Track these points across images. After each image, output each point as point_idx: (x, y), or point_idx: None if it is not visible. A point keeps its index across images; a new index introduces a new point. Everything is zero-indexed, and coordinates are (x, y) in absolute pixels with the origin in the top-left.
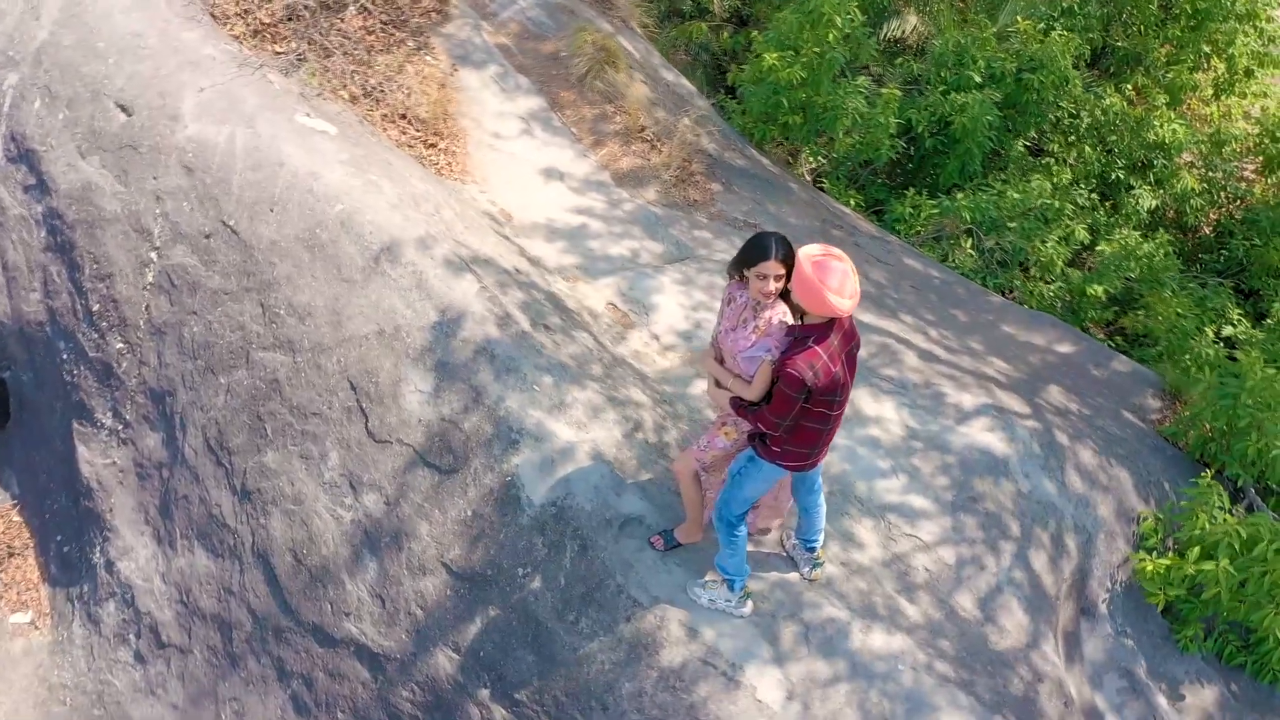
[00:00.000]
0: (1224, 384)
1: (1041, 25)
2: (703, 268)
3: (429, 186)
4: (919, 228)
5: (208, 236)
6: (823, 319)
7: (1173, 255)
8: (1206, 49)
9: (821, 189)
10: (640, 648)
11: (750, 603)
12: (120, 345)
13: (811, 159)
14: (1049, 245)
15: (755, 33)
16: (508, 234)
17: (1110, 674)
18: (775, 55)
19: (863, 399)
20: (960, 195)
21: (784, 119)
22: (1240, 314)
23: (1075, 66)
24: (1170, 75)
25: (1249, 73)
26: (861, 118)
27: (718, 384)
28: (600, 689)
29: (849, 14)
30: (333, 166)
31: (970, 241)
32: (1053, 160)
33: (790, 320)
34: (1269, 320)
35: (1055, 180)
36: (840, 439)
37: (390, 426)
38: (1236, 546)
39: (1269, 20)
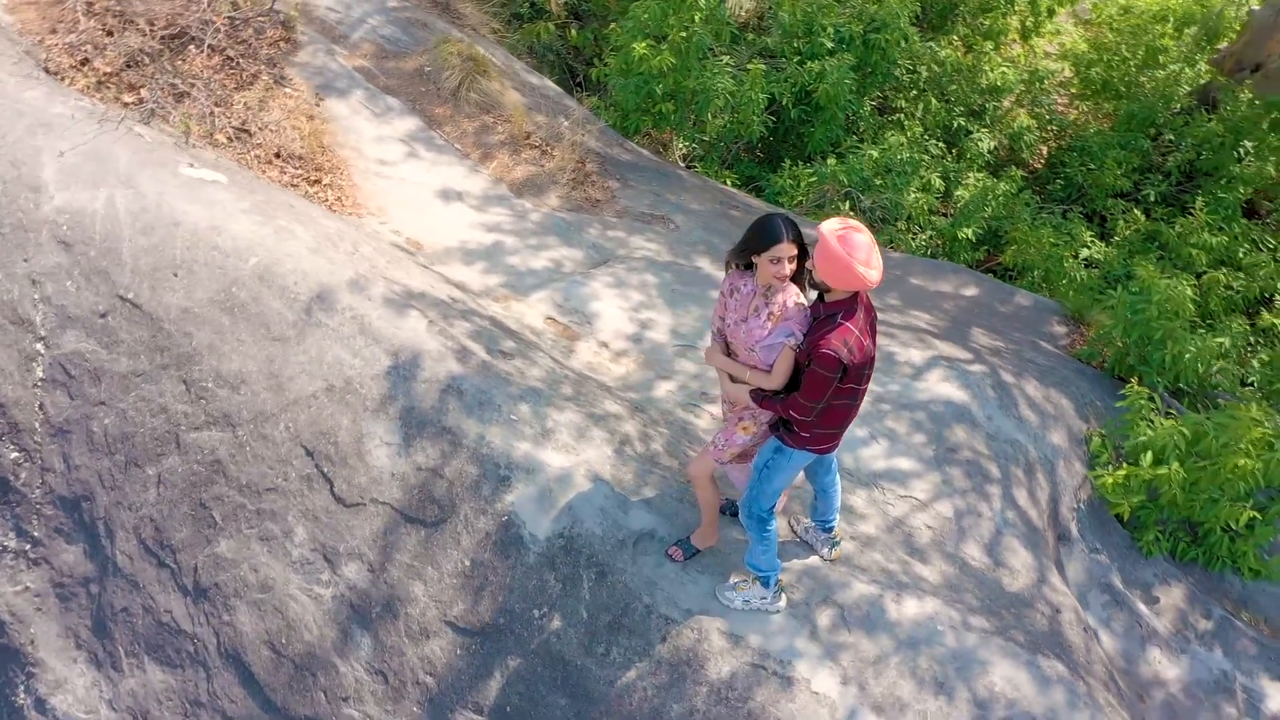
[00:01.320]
0: (1133, 301)
1: None
2: (630, 267)
3: (339, 225)
4: (800, 198)
5: (103, 315)
6: (847, 294)
7: (1028, 190)
8: None
9: (692, 167)
10: (683, 666)
11: (784, 596)
12: (15, 455)
13: (684, 144)
14: (913, 197)
15: (613, 25)
16: (423, 264)
17: (1093, 591)
18: (643, 45)
19: None
20: (831, 160)
21: (658, 108)
22: (1091, 236)
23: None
24: (987, 22)
25: (1050, 13)
26: (732, 96)
27: (732, 379)
28: (647, 718)
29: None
30: (235, 217)
31: (849, 203)
32: (902, 115)
33: (804, 301)
34: (1116, 238)
35: (908, 135)
36: None
37: (360, 487)
38: (1183, 447)
39: None
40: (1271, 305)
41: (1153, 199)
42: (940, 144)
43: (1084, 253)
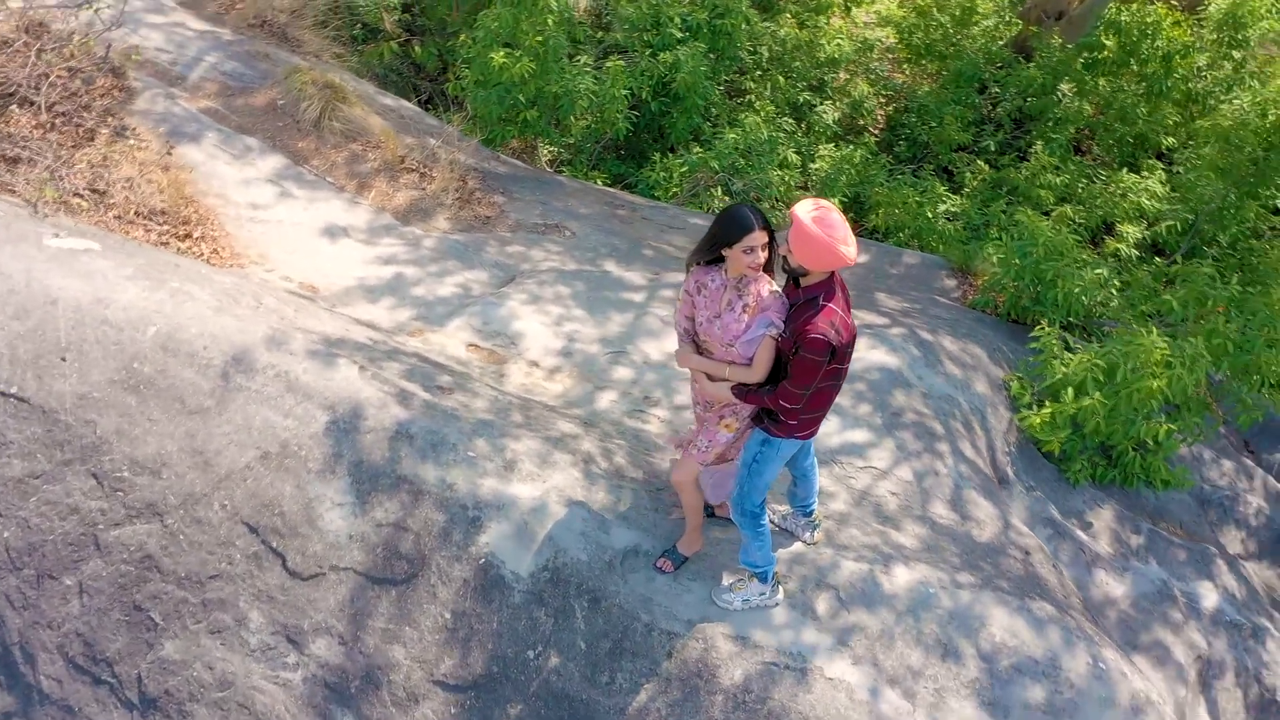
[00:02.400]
0: (1021, 246)
1: None
2: (540, 281)
3: (233, 279)
4: (675, 189)
5: None
6: (824, 275)
7: (880, 155)
8: None
9: (560, 171)
10: (694, 679)
11: (781, 589)
12: None
13: (549, 150)
14: (776, 175)
15: (462, 36)
16: (327, 308)
17: (1037, 526)
18: (501, 54)
19: None
20: (697, 148)
21: (522, 116)
22: (945, 190)
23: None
24: None
25: None
26: (595, 96)
27: (710, 378)
28: None
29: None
30: (121, 286)
31: (721, 189)
32: (752, 97)
33: (777, 289)
34: (966, 190)
35: (761, 115)
36: None
37: (317, 557)
38: (1100, 378)
39: None
40: (1113, 232)
41: (992, 149)
42: (790, 120)
43: (941, 207)
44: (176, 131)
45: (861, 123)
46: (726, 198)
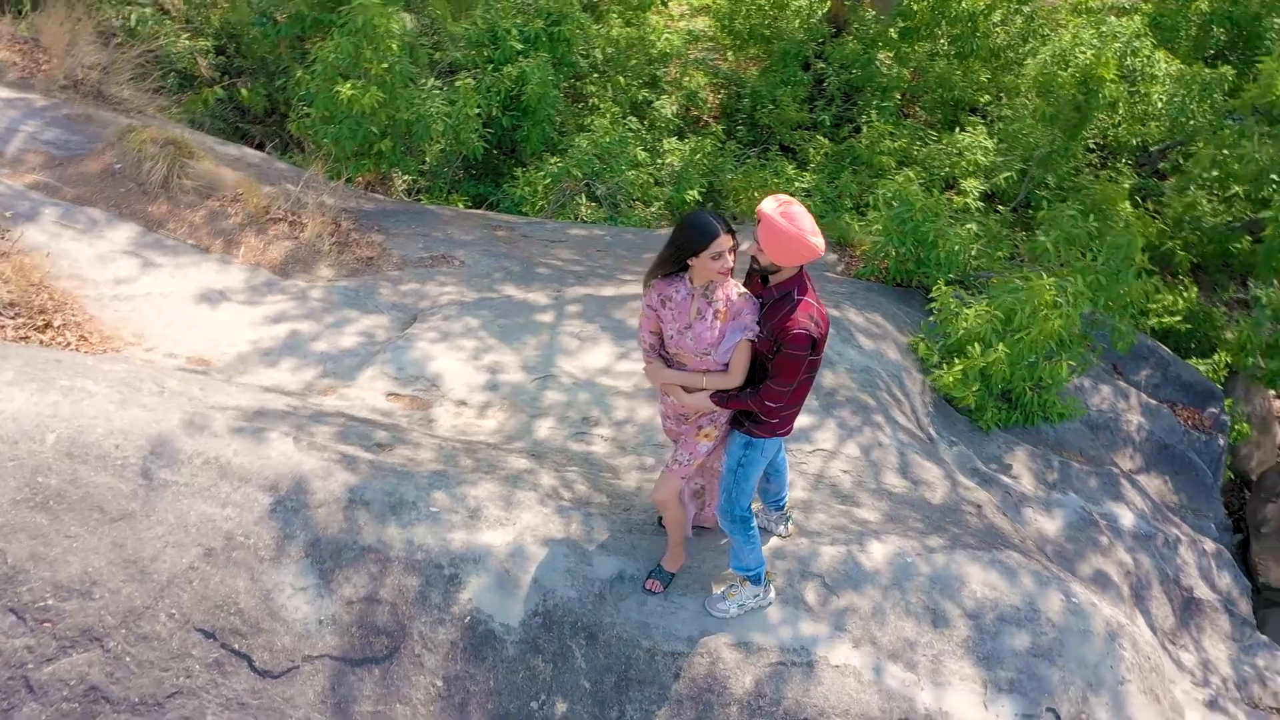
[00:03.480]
0: (899, 213)
1: None
2: (445, 316)
3: (125, 366)
4: (541, 201)
5: None
6: (795, 270)
7: (727, 144)
8: None
9: (419, 200)
10: (706, 694)
11: (771, 586)
12: None
13: (404, 179)
14: (631, 174)
15: (299, 73)
16: (227, 379)
17: (968, 478)
18: (349, 86)
19: None
20: (553, 158)
21: (376, 148)
22: (794, 169)
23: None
24: None
25: None
26: (448, 119)
27: (685, 390)
28: None
29: (400, 23)
30: (4, 394)
31: (584, 196)
32: (595, 100)
33: (745, 290)
34: (812, 165)
35: (608, 117)
36: None
37: (286, 650)
38: (1000, 328)
39: None
40: (956, 188)
41: (828, 123)
42: (634, 119)
43: (794, 185)
44: (5, 212)
45: (696, 113)
46: (593, 204)
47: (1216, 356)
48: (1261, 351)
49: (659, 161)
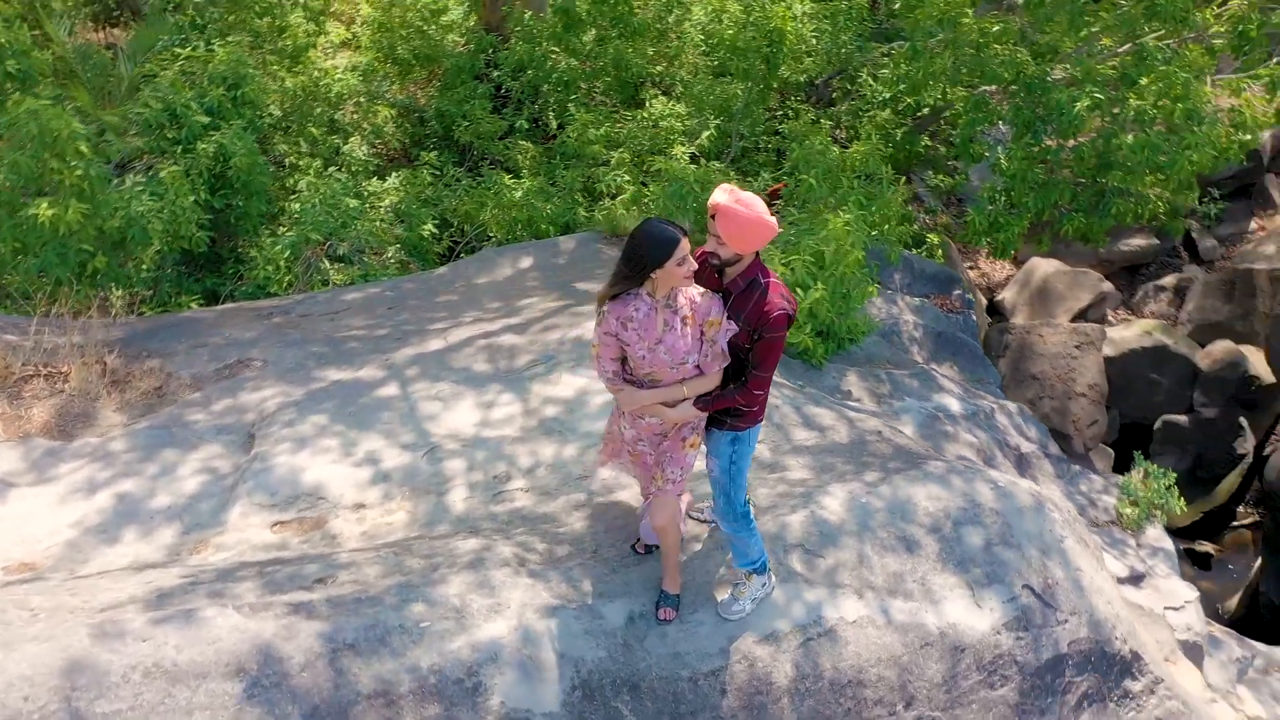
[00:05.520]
0: (676, 189)
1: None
2: (286, 422)
3: None
4: (288, 276)
5: None
6: (752, 256)
7: (445, 170)
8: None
9: (144, 314)
10: (757, 697)
11: (770, 572)
12: None
13: (124, 291)
14: (367, 225)
15: None
16: (81, 576)
17: None
18: (45, 204)
19: (564, 381)
20: (283, 229)
21: (92, 267)
22: (510, 179)
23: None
24: (289, 42)
25: (321, 15)
26: (163, 215)
27: (668, 404)
28: None
29: (77, 122)
30: None
31: (327, 259)
32: (292, 157)
33: (702, 289)
34: (524, 170)
35: (311, 172)
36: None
37: None
38: (813, 269)
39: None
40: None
41: (526, 127)
42: (335, 169)
43: (518, 193)
44: None
45: (384, 149)
46: (337, 264)
47: (929, 242)
48: (985, 229)
49: (376, 205)
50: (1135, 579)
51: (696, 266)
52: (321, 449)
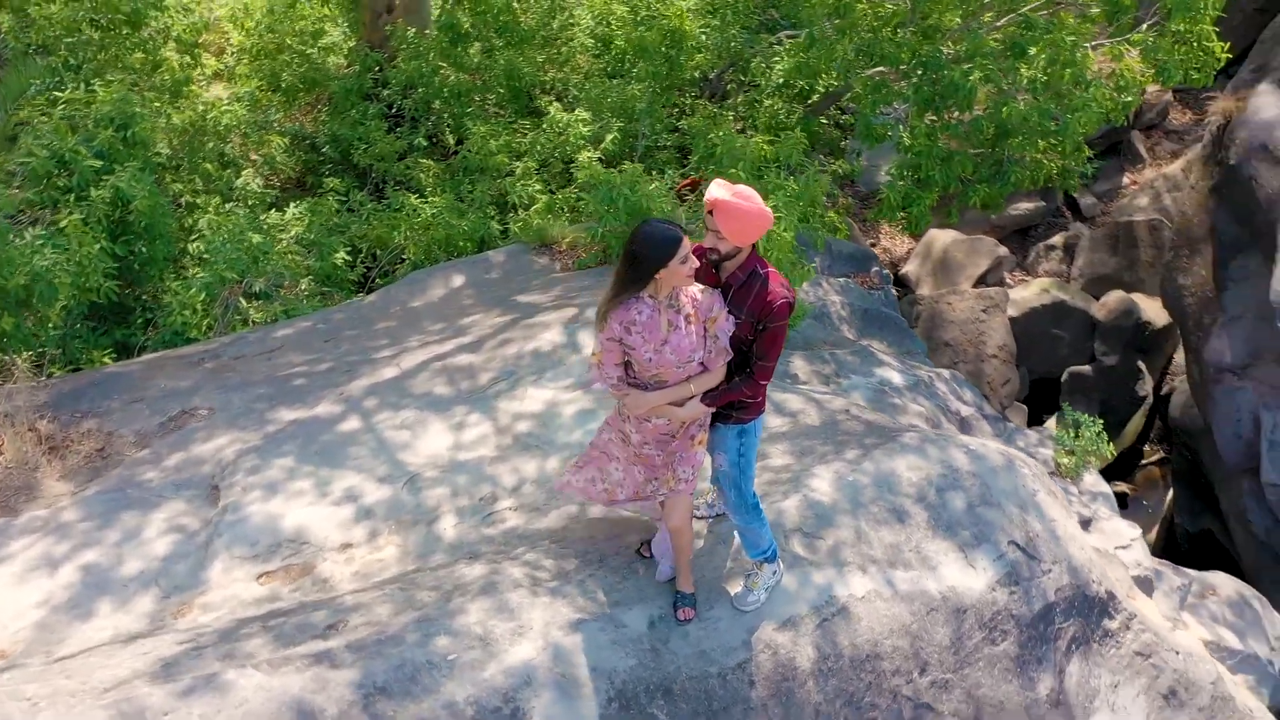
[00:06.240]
0: (604, 193)
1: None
2: (250, 469)
3: None
4: (206, 319)
5: None
6: (749, 249)
7: (350, 193)
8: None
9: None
10: (784, 683)
11: (779, 559)
12: None
13: (30, 353)
14: (283, 258)
15: None
16: (65, 656)
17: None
18: None
19: (530, 396)
20: (191, 270)
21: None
22: (416, 198)
23: None
24: (167, 77)
25: (195, 45)
26: (69, 269)
27: (675, 403)
28: None
29: None
30: None
31: (243, 298)
32: (188, 196)
33: (701, 285)
34: (427, 188)
35: (211, 210)
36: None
37: None
38: None
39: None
40: (575, 164)
41: (424, 144)
42: (234, 204)
43: (429, 212)
44: None
45: (278, 178)
46: (256, 301)
47: (832, 223)
48: (898, 206)
49: (278, 239)
50: (1084, 524)
51: (699, 264)
52: (295, 492)
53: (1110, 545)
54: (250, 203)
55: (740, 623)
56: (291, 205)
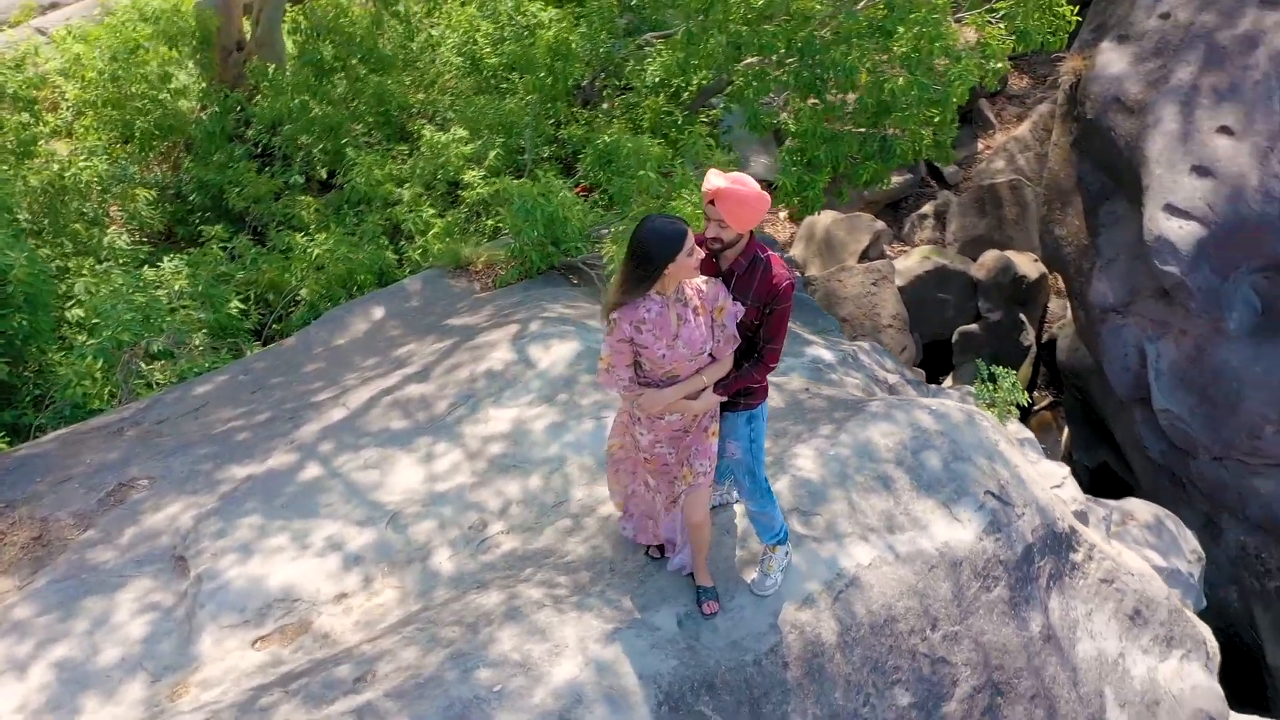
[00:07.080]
0: (522, 209)
1: None
2: (216, 533)
3: None
4: (108, 387)
5: None
6: (747, 235)
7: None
8: None
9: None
10: (815, 660)
11: (789, 540)
12: None
13: None
14: (179, 315)
15: None
16: None
17: None
18: None
19: (494, 417)
20: (80, 338)
21: None
22: (302, 238)
23: None
24: (9, 138)
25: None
26: None
27: (691, 395)
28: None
29: None
30: None
31: (144, 360)
32: (63, 259)
33: (703, 276)
34: (312, 226)
35: (87, 272)
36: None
37: None
38: None
39: None
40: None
41: (302, 181)
42: (104, 262)
43: (319, 250)
44: None
45: (146, 233)
46: (159, 362)
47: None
48: (793, 190)
49: (164, 294)
50: None
51: (704, 254)
52: (272, 549)
53: (1047, 485)
54: (121, 261)
55: (763, 608)
56: (166, 260)
